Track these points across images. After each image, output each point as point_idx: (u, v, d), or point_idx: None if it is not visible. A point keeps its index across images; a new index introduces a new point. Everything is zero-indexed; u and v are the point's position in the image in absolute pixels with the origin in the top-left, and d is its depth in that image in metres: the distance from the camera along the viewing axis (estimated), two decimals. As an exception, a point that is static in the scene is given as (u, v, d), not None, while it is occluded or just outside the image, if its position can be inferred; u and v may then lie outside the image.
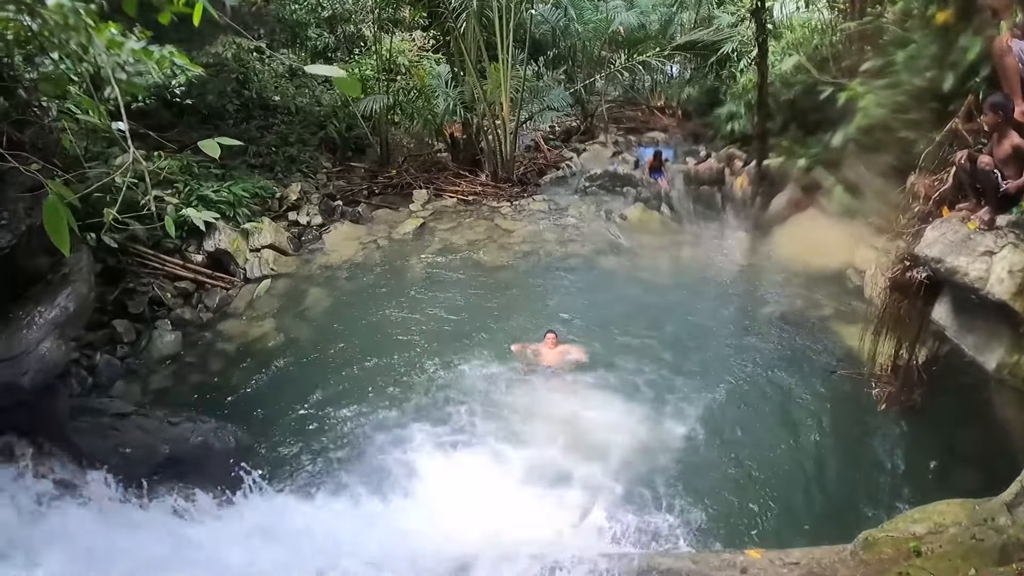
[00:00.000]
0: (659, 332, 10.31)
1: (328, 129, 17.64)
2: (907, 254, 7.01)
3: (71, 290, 6.50)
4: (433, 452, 7.78)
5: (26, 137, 6.41)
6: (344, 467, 7.58)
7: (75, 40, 5.59)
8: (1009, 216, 6.14)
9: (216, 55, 14.49)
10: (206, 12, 4.43)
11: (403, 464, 7.55)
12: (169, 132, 12.18)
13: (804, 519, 6.81)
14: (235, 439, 7.57)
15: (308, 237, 14.07)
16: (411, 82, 18.13)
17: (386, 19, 18.37)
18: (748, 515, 6.87)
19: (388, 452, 7.73)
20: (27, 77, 6.78)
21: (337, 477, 7.42)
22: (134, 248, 10.78)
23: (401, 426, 8.20)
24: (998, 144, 6.11)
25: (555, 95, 19.18)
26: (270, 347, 10.16)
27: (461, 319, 10.81)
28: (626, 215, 15.30)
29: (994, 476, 5.26)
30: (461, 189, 17.15)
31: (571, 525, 6.73)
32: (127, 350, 9.83)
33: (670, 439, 7.91)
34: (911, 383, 7.71)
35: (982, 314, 6.13)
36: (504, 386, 9.07)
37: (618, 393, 8.83)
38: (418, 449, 7.80)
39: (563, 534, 6.63)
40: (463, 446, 7.92)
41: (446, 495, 7.04)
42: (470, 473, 7.43)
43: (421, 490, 7.18)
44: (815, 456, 7.61)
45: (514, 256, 13.40)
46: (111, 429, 6.95)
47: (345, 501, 7.03)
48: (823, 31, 14.75)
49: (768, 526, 6.73)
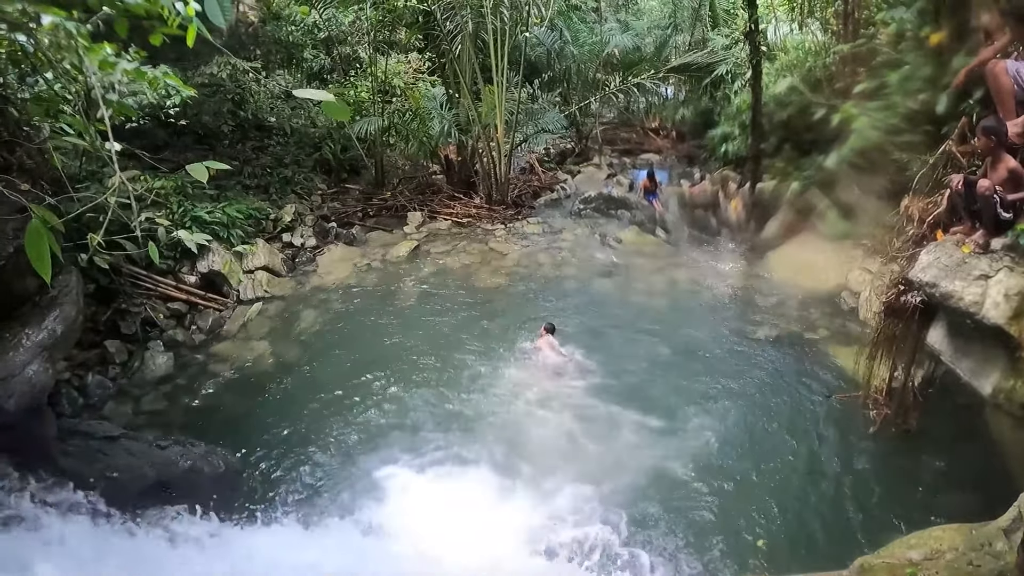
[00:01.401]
0: (653, 356, 10.27)
1: (323, 150, 17.64)
2: (901, 278, 6.99)
3: (59, 312, 6.45)
4: (426, 477, 7.71)
5: (15, 158, 6.38)
6: (334, 492, 7.50)
7: (68, 60, 5.59)
8: (1004, 239, 6.13)
9: (212, 75, 14.49)
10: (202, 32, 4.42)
11: (395, 490, 7.47)
12: (164, 152, 12.19)
13: (799, 544, 6.75)
14: (225, 463, 7.47)
15: (302, 259, 14.03)
16: (406, 104, 18.16)
17: (382, 41, 18.44)
18: (742, 541, 6.80)
19: (380, 477, 7.64)
20: (18, 97, 6.77)
21: (327, 503, 7.35)
22: (127, 268, 10.72)
23: (393, 451, 8.13)
24: (993, 168, 6.13)
25: (550, 117, 19.23)
26: (262, 370, 10.08)
27: (454, 342, 10.74)
28: (621, 238, 15.34)
29: (991, 499, 5.22)
30: (455, 211, 17.15)
31: (566, 557, 6.66)
32: (119, 371, 9.76)
33: (661, 464, 7.84)
34: (906, 406, 7.67)
35: (977, 338, 6.11)
36: (498, 409, 9.02)
37: (610, 417, 8.76)
38: (411, 474, 7.72)
39: (557, 560, 6.59)
40: (456, 471, 7.83)
41: (438, 522, 6.95)
42: (462, 499, 7.33)
43: (412, 515, 7.09)
44: (810, 480, 7.56)
45: (508, 279, 13.36)
46: (99, 452, 6.84)
47: (335, 526, 6.95)
48: (817, 53, 14.84)
49: (762, 552, 6.65)
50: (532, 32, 19.02)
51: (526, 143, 19.42)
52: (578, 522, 7.01)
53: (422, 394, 9.34)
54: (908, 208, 7.73)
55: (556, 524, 7.01)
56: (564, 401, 9.13)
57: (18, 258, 5.77)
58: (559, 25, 21.53)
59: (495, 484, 7.59)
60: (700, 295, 12.58)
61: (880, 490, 7.29)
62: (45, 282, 3.78)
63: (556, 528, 6.95)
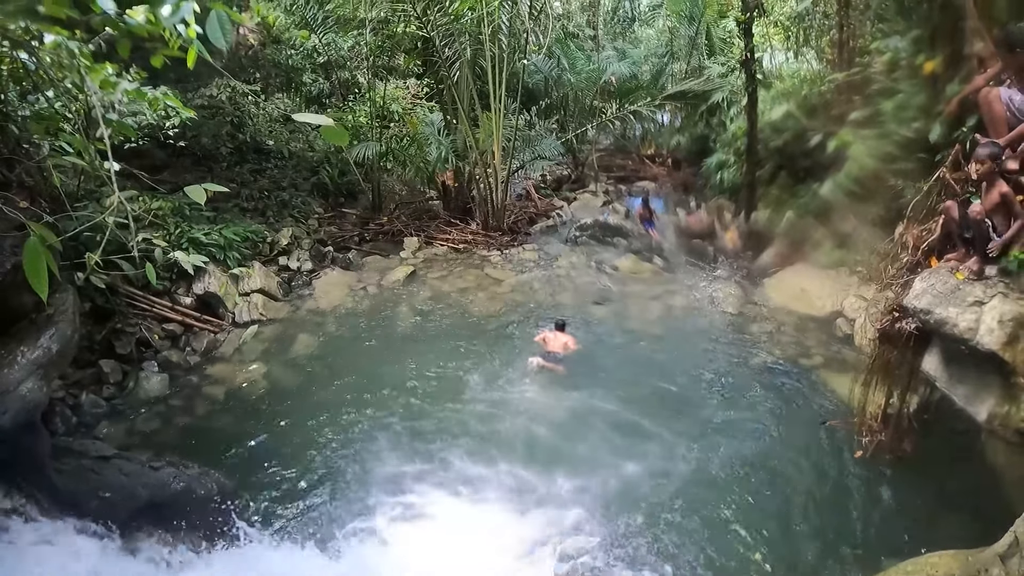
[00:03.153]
0: (648, 381, 10.27)
1: (321, 175, 17.73)
2: (896, 305, 7.02)
3: (55, 330, 6.42)
4: (420, 499, 7.68)
5: (14, 175, 6.40)
6: (327, 517, 7.45)
7: (70, 79, 5.63)
8: (998, 265, 6.16)
9: (211, 97, 14.55)
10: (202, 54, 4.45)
11: (388, 514, 7.44)
12: (162, 173, 12.21)
13: (794, 572, 6.72)
14: (218, 486, 7.40)
15: (298, 282, 14.03)
16: (404, 129, 18.26)
17: (381, 66, 18.59)
18: (737, 568, 6.77)
19: (373, 501, 7.63)
20: (19, 115, 6.80)
21: (320, 527, 7.29)
22: (123, 288, 10.72)
23: (388, 474, 8.10)
24: (987, 193, 6.16)
25: (547, 144, 19.29)
26: (257, 392, 10.05)
27: (448, 367, 10.72)
28: (617, 265, 15.37)
29: (988, 525, 5.22)
30: (452, 237, 17.19)
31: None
32: (113, 390, 9.73)
33: (653, 489, 7.83)
34: (902, 432, 7.67)
35: (972, 364, 6.12)
36: (493, 431, 9.00)
37: (601, 442, 8.76)
38: (405, 496, 7.70)
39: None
40: (449, 494, 7.81)
41: (431, 545, 6.94)
42: (457, 523, 7.33)
43: (406, 538, 7.08)
44: (805, 507, 7.53)
45: (504, 305, 13.36)
46: (92, 472, 6.79)
47: (330, 550, 6.92)
48: (812, 81, 14.97)
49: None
50: (530, 59, 19.16)
51: (523, 169, 19.52)
52: (580, 550, 6.96)
53: (416, 418, 9.32)
54: (902, 235, 7.76)
55: (555, 550, 6.97)
56: (560, 428, 9.11)
57: (15, 275, 5.76)
58: (557, 53, 21.73)
59: (488, 508, 7.57)
60: (696, 322, 12.60)
61: (876, 516, 7.28)
62: (42, 300, 3.79)
63: (555, 554, 6.93)
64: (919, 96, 9.41)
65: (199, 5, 4.10)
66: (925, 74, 9.15)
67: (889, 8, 10.79)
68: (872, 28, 11.99)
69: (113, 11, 3.89)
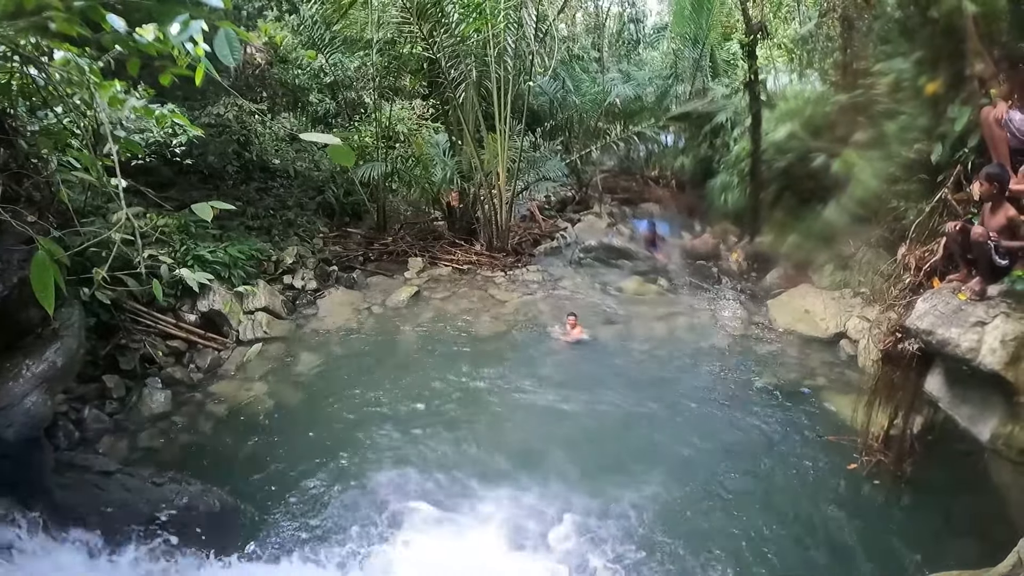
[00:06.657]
0: (651, 401, 10.24)
1: (326, 194, 17.78)
2: (899, 326, 7.03)
3: (61, 345, 6.47)
4: (424, 518, 7.66)
5: (23, 190, 6.45)
6: (328, 536, 7.41)
7: (79, 95, 5.69)
8: (1000, 286, 6.18)
9: (218, 116, 14.61)
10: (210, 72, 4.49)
11: (390, 534, 7.42)
12: (169, 190, 12.25)
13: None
14: (220, 502, 7.41)
15: (302, 301, 14.07)
16: (409, 150, 18.31)
17: (387, 87, 18.66)
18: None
19: (375, 521, 7.60)
20: (28, 130, 6.86)
21: (324, 544, 7.25)
22: (128, 304, 10.75)
23: (391, 492, 8.08)
24: (991, 215, 6.18)
25: (551, 165, 19.36)
26: (260, 410, 10.04)
27: (452, 388, 10.71)
28: (622, 287, 15.39)
29: (991, 545, 5.21)
30: (456, 258, 17.22)
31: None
32: (116, 406, 9.72)
33: (654, 508, 7.79)
34: (904, 453, 7.66)
35: (975, 384, 6.13)
36: (494, 451, 8.98)
37: (602, 463, 8.76)
38: (408, 515, 7.68)
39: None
40: (453, 515, 7.77)
41: (438, 564, 6.93)
42: (460, 545, 7.30)
43: (408, 559, 7.05)
44: (808, 528, 7.48)
45: (507, 326, 13.36)
46: (95, 487, 6.82)
47: (332, 568, 6.90)
48: (816, 102, 15.02)
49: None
50: (535, 81, 19.24)
51: (527, 191, 19.56)
52: (580, 567, 6.97)
53: (420, 437, 9.30)
54: (905, 256, 7.79)
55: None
56: (564, 445, 9.09)
57: (22, 289, 5.81)
58: (562, 75, 21.85)
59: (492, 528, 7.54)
60: (700, 343, 12.57)
61: (879, 537, 7.24)
62: (48, 314, 3.82)
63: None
64: (921, 117, 9.44)
65: (207, 24, 4.15)
66: (927, 95, 9.19)
67: (892, 30, 10.82)
68: (875, 50, 12.01)
69: (123, 29, 3.93)
